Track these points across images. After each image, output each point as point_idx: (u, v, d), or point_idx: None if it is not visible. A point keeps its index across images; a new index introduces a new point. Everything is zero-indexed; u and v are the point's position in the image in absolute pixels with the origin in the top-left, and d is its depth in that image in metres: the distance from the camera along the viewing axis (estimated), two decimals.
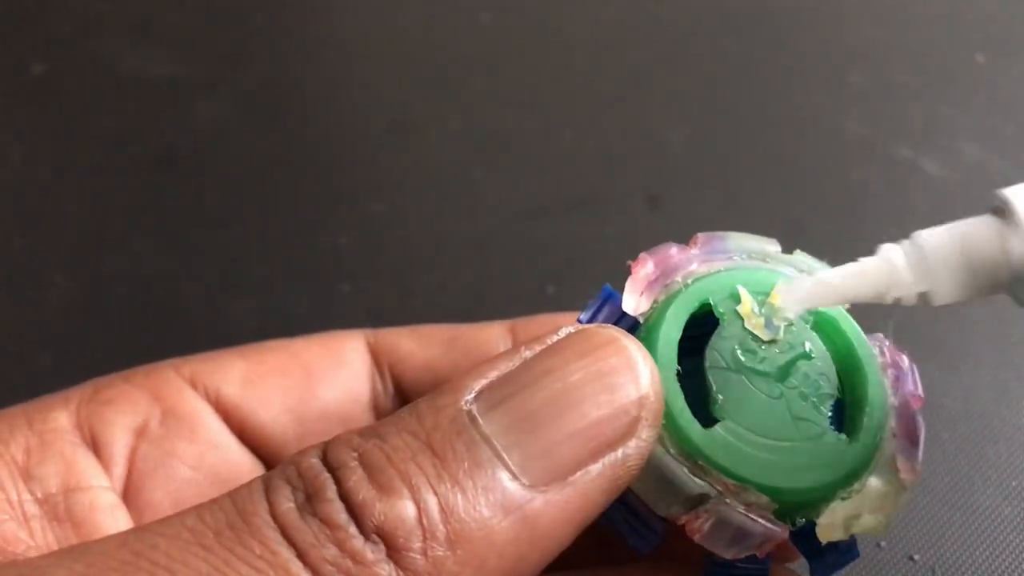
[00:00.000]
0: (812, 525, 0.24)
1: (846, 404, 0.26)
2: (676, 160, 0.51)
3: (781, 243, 0.28)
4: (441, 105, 0.54)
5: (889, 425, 0.25)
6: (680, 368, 0.24)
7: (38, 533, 0.25)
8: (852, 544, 0.25)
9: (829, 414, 0.25)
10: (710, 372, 0.24)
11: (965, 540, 0.36)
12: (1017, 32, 0.56)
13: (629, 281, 0.26)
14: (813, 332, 0.26)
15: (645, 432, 0.22)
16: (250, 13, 0.59)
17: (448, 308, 0.45)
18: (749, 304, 0.25)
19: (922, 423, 0.26)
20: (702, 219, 0.48)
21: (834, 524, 0.24)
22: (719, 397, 0.24)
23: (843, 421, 0.26)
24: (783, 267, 0.27)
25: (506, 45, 0.57)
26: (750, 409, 0.24)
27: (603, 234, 0.47)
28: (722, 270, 0.26)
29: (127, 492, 0.27)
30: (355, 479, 0.20)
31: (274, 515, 0.20)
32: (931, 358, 0.39)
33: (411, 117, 0.53)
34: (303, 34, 0.58)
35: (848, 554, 0.25)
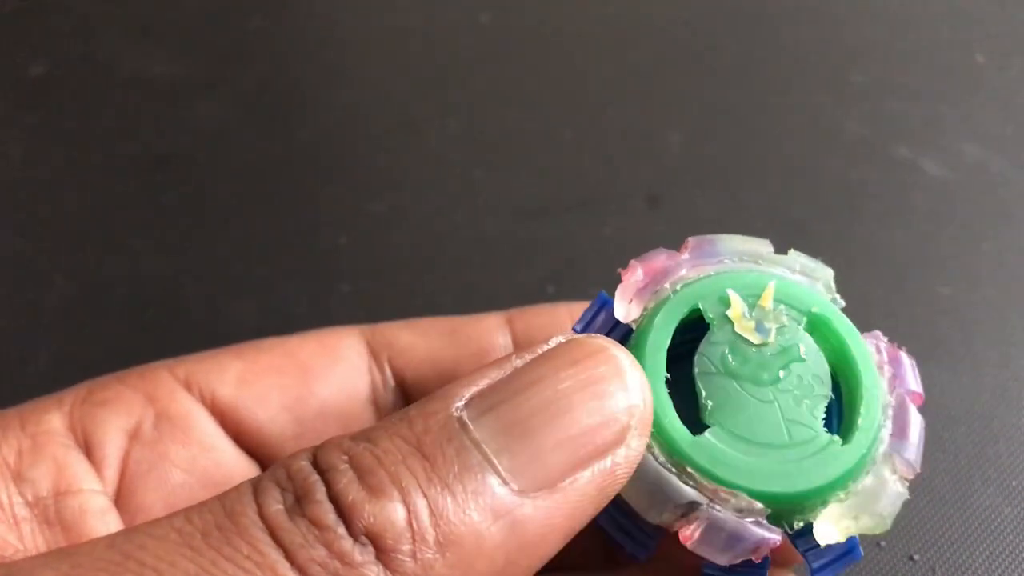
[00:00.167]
0: (810, 527, 0.24)
1: (842, 404, 0.26)
2: (676, 160, 0.51)
3: (781, 243, 0.28)
4: (441, 105, 0.54)
5: (886, 424, 0.25)
6: (671, 375, 0.24)
7: (27, 536, 0.25)
8: (854, 545, 0.25)
9: (823, 416, 0.25)
10: (699, 378, 0.24)
11: (965, 540, 0.36)
12: (1017, 32, 0.56)
13: (619, 289, 0.26)
14: (806, 333, 0.26)
15: (635, 441, 0.22)
16: (250, 13, 0.59)
17: (448, 308, 0.45)
18: (739, 308, 0.25)
19: (920, 420, 0.26)
20: (702, 219, 0.48)
21: (832, 526, 0.24)
22: (708, 403, 0.24)
23: (839, 422, 0.26)
24: (776, 268, 0.27)
25: (506, 45, 0.57)
26: (741, 414, 0.24)
27: (603, 234, 0.47)
28: (712, 274, 0.26)
29: (119, 495, 0.27)
30: (345, 481, 0.20)
31: (262, 516, 0.20)
32: (931, 358, 0.39)
33: (411, 117, 0.53)
34: (303, 34, 0.58)
35: (850, 555, 0.25)
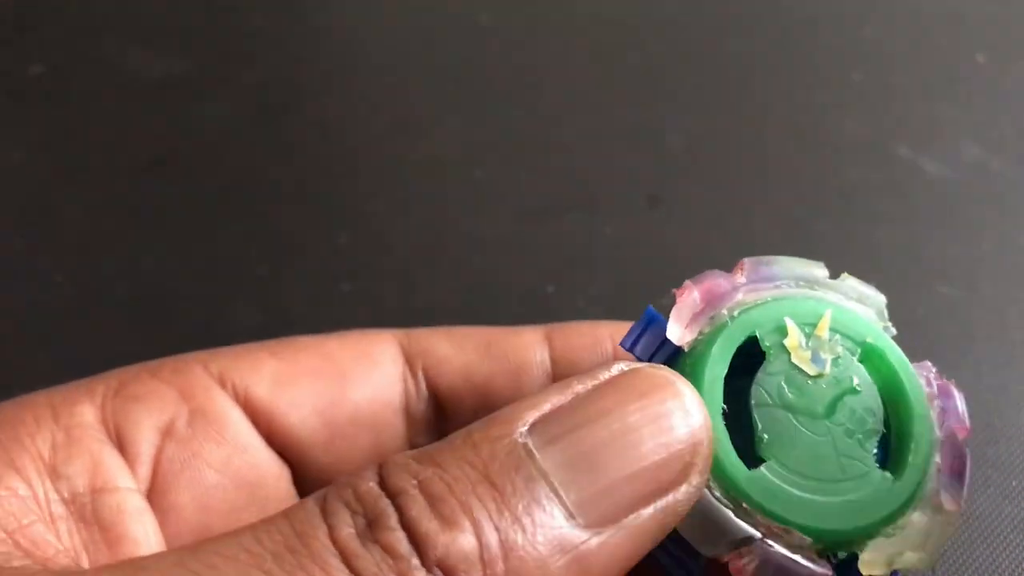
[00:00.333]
0: (854, 557, 0.24)
1: (891, 438, 0.25)
2: (676, 160, 0.51)
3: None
4: (441, 105, 0.54)
5: (934, 460, 0.25)
6: (725, 407, 0.24)
7: (64, 535, 0.25)
8: (894, 574, 0.25)
9: (875, 451, 0.25)
10: (756, 410, 0.24)
11: (965, 540, 0.36)
12: (1017, 32, 0.56)
13: (674, 311, 0.25)
14: (860, 364, 0.25)
15: (696, 478, 0.22)
16: (250, 13, 0.59)
17: (448, 307, 0.45)
18: (796, 337, 0.25)
19: (968, 456, 0.26)
20: (702, 219, 0.48)
21: (877, 561, 0.24)
22: (764, 436, 0.24)
23: (888, 455, 0.25)
24: (831, 294, 0.26)
25: (506, 45, 0.57)
26: (796, 448, 0.24)
27: (603, 234, 0.47)
28: (769, 300, 0.25)
29: (151, 493, 0.27)
30: (417, 508, 0.20)
31: (334, 540, 0.20)
32: (931, 358, 0.39)
33: (411, 117, 0.53)
34: (303, 34, 0.58)
35: None
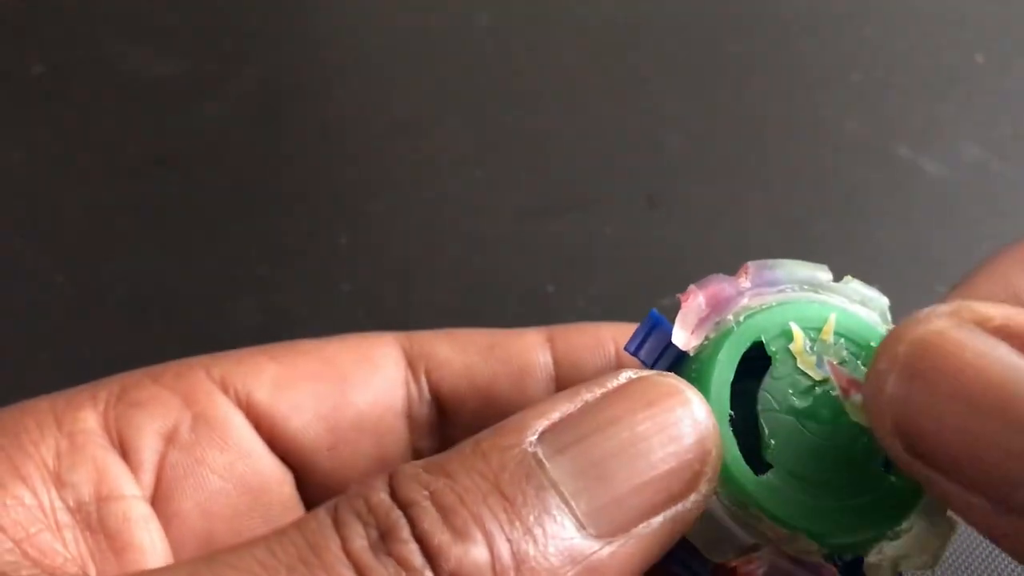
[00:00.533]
0: (859, 559, 0.24)
1: None
2: (676, 160, 0.51)
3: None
4: (441, 105, 0.54)
5: None
6: (732, 412, 0.24)
7: (71, 544, 0.25)
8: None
9: (880, 454, 0.24)
10: (763, 416, 0.24)
11: (965, 540, 0.36)
12: (1017, 32, 0.56)
13: (680, 316, 0.25)
14: (864, 368, 0.25)
15: (705, 486, 0.22)
16: (250, 13, 0.59)
17: (448, 307, 0.45)
18: (801, 342, 0.25)
19: None
20: (702, 219, 0.48)
21: (882, 564, 0.24)
22: (771, 442, 0.24)
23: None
24: (835, 297, 0.26)
25: (505, 46, 0.57)
26: (802, 453, 0.24)
27: (603, 234, 0.47)
28: (774, 305, 0.25)
29: (155, 500, 0.27)
30: (429, 520, 0.20)
31: (347, 552, 0.20)
32: None
33: (411, 117, 0.53)
34: (303, 34, 0.58)
35: None
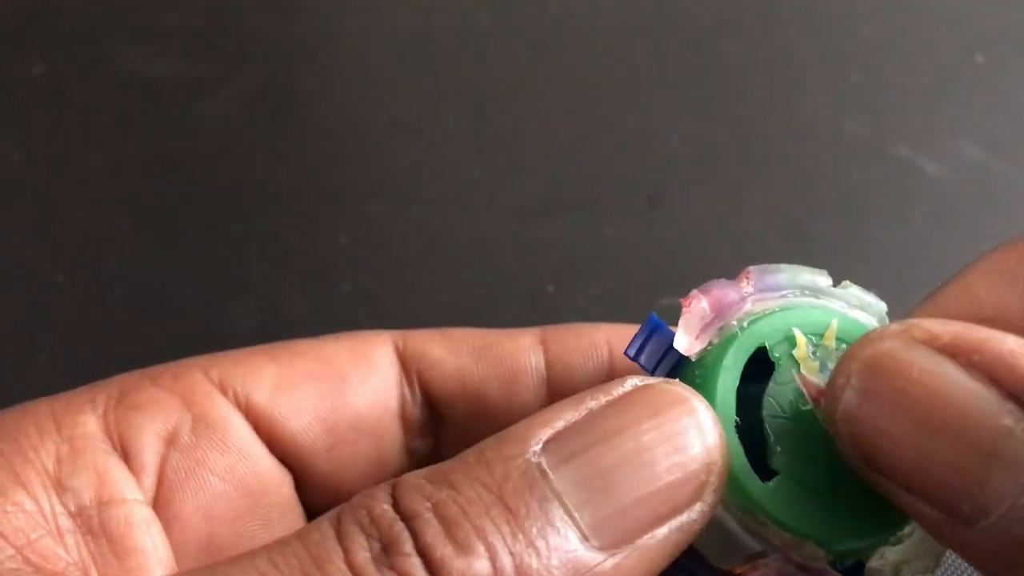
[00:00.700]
0: (860, 564, 0.24)
1: None
2: (676, 160, 0.51)
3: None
4: (441, 105, 0.54)
5: None
6: (738, 419, 0.24)
7: (73, 549, 0.25)
8: None
9: None
10: (768, 422, 0.24)
11: None
12: (1017, 32, 0.56)
13: (683, 321, 0.25)
14: None
15: (711, 496, 0.22)
16: (250, 13, 0.59)
17: (448, 307, 0.45)
18: (805, 348, 0.25)
19: None
20: (702, 218, 0.48)
21: (884, 569, 0.24)
22: (777, 448, 0.24)
23: None
24: (835, 302, 0.26)
25: (506, 46, 0.57)
26: (807, 460, 0.24)
27: (603, 234, 0.47)
28: (776, 310, 0.25)
29: (156, 503, 0.27)
30: (432, 533, 0.20)
31: (349, 564, 0.20)
32: None
33: (411, 117, 0.53)
34: (303, 34, 0.58)
35: None
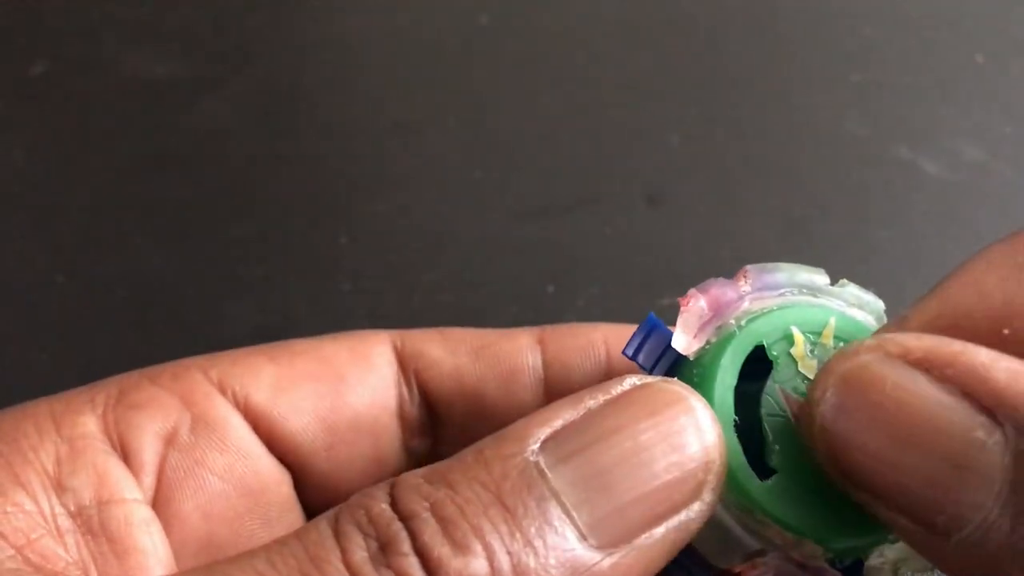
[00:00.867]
0: (859, 562, 0.24)
1: None
2: (676, 160, 0.51)
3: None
4: (441, 105, 0.54)
5: None
6: (736, 418, 0.24)
7: (72, 548, 0.25)
8: None
9: None
10: (766, 420, 0.24)
11: None
12: (1017, 32, 0.56)
13: (681, 320, 0.25)
14: None
15: (709, 496, 0.22)
16: (250, 13, 0.59)
17: (448, 307, 0.45)
18: (802, 346, 0.25)
19: None
20: (702, 218, 0.48)
21: (883, 567, 0.24)
22: (776, 447, 0.24)
23: None
24: (833, 301, 0.26)
25: (505, 46, 0.57)
26: (805, 458, 0.24)
27: (603, 234, 0.47)
28: (774, 309, 0.25)
29: (156, 502, 0.27)
30: (429, 533, 0.20)
31: (347, 564, 0.20)
32: None
33: (411, 117, 0.53)
34: (303, 34, 0.58)
35: None
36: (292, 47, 0.58)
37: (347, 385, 0.29)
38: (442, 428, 0.30)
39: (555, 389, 0.29)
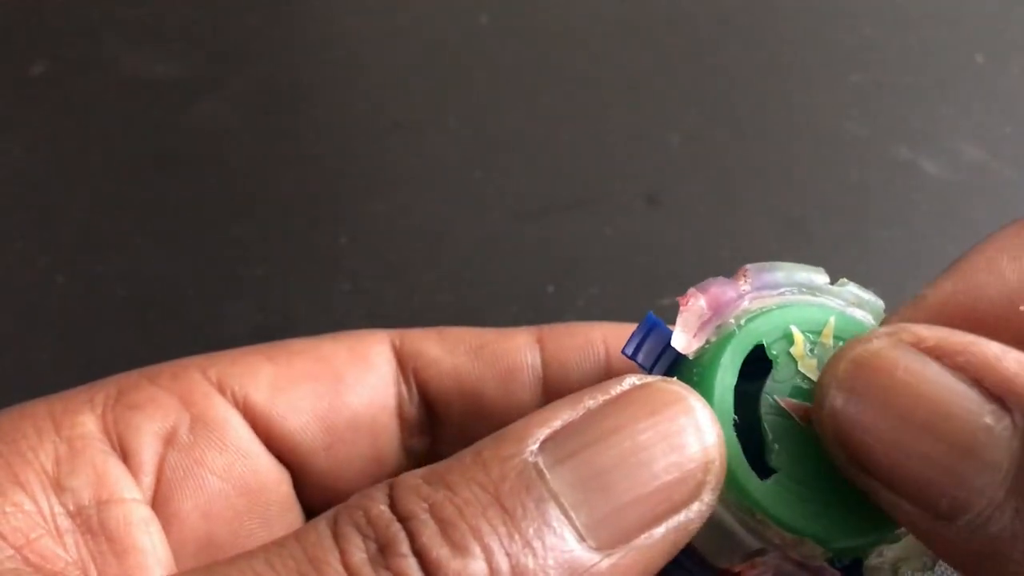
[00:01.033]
0: (858, 561, 0.24)
1: None
2: (676, 160, 0.51)
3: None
4: (441, 105, 0.54)
5: None
6: (736, 417, 0.24)
7: (72, 548, 0.25)
8: None
9: None
10: (766, 420, 0.24)
11: None
12: (1017, 32, 0.56)
13: (680, 319, 0.25)
14: None
15: (708, 496, 0.22)
16: (250, 13, 0.59)
17: (448, 307, 0.45)
18: (802, 346, 0.25)
19: None
20: (702, 218, 0.48)
21: (883, 566, 0.24)
22: (775, 446, 0.24)
23: None
24: (832, 300, 0.26)
25: (505, 46, 0.57)
26: (805, 458, 0.24)
27: (603, 234, 0.47)
28: (774, 308, 0.25)
29: (155, 502, 0.27)
30: (428, 534, 0.20)
31: (346, 565, 0.20)
32: None
33: (411, 117, 0.53)
34: (303, 34, 0.58)
35: None
36: (292, 47, 0.58)
37: (346, 385, 0.29)
38: (441, 427, 0.30)
39: (554, 388, 0.29)
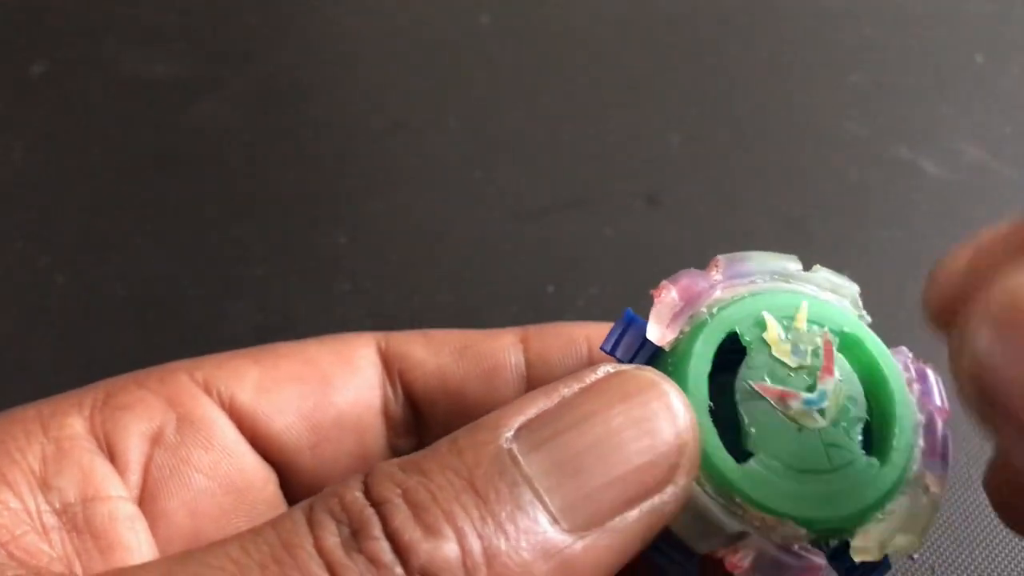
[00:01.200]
0: (846, 544, 0.24)
1: (874, 424, 0.26)
2: (676, 160, 0.51)
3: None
4: (441, 105, 0.54)
5: (917, 443, 0.25)
6: (711, 403, 0.24)
7: (57, 544, 0.25)
8: (884, 558, 0.25)
9: (859, 437, 0.25)
10: (741, 405, 0.24)
11: (965, 540, 0.36)
12: (1017, 32, 0.56)
13: (654, 312, 0.25)
14: (839, 353, 0.25)
15: (683, 479, 0.22)
16: (250, 13, 0.59)
17: (448, 307, 0.45)
18: (775, 331, 0.25)
19: (950, 437, 0.26)
20: (702, 218, 0.48)
21: (869, 546, 0.24)
22: (751, 430, 0.24)
23: (871, 442, 0.25)
24: (806, 286, 0.26)
25: (506, 46, 0.57)
26: (782, 440, 0.24)
27: (603, 234, 0.48)
28: (746, 295, 0.26)
29: (142, 500, 0.27)
30: (401, 518, 0.21)
31: (319, 549, 0.20)
32: (931, 358, 0.39)
33: (411, 117, 0.53)
34: (303, 34, 0.58)
35: (881, 567, 0.25)
36: (292, 47, 0.58)
37: (331, 385, 0.29)
38: (427, 427, 0.30)
39: (537, 387, 0.30)
